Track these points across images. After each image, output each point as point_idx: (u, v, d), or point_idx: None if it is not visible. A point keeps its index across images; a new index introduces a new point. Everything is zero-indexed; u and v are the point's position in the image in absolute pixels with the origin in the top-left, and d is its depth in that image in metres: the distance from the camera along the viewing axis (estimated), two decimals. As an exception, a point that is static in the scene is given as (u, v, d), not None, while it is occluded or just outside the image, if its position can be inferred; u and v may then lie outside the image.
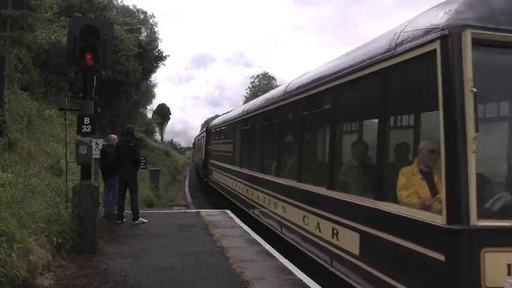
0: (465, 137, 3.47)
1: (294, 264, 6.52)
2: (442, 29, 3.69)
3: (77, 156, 7.08)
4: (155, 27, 44.09)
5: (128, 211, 10.10)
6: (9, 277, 4.58)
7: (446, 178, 3.56)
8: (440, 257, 3.54)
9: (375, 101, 4.93)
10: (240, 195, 11.84)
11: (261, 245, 7.90)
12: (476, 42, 3.58)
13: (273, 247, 7.62)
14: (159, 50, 32.40)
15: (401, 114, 5.27)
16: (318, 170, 6.73)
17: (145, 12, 44.35)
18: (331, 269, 5.58)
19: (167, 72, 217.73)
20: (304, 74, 7.67)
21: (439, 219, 3.58)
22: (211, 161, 18.71)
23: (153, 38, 37.38)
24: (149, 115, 55.19)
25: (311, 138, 7.27)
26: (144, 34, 37.14)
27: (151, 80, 39.63)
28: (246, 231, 9.14)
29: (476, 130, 3.46)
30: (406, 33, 4.26)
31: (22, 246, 5.09)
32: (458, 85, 3.53)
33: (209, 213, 11.71)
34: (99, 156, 10.15)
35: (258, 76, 60.76)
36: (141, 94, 34.74)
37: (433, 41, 3.76)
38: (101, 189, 9.53)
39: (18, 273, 4.70)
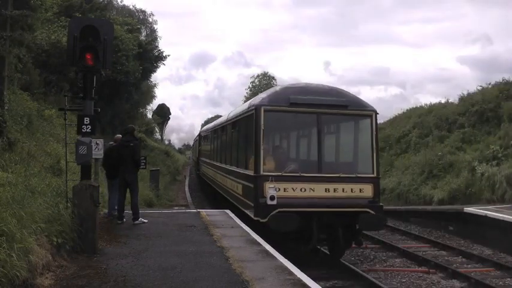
0: (260, 144, 9.09)
1: (294, 264, 6.52)
2: (255, 105, 9.40)
3: (77, 156, 7.08)
4: (155, 25, 44.07)
5: (128, 211, 10.10)
6: (9, 277, 4.58)
7: (254, 159, 9.22)
8: (252, 185, 9.30)
9: (238, 129, 11.64)
10: (209, 176, 19.16)
11: (260, 245, 7.90)
12: (266, 111, 9.22)
13: (272, 247, 7.63)
14: (159, 50, 32.36)
15: (249, 133, 9.93)
16: (233, 158, 12.35)
17: (144, 12, 44.33)
18: (236, 205, 11.07)
19: (166, 72, 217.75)
20: (232, 111, 14.25)
21: (252, 172, 9.27)
22: (200, 158, 25.35)
23: (153, 38, 37.34)
24: (149, 115, 55.17)
25: (231, 142, 12.96)
26: (144, 34, 37.10)
27: (151, 80, 39.61)
28: (246, 231, 9.14)
29: (263, 142, 9.16)
30: (250, 104, 10.14)
31: (22, 246, 5.09)
32: (258, 126, 9.15)
33: (209, 213, 11.71)
34: (101, 156, 10.17)
35: (258, 76, 60.68)
36: (141, 94, 34.67)
37: (253, 110, 9.49)
38: (101, 189, 9.55)
39: (18, 273, 4.70)
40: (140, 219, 9.70)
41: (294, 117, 9.95)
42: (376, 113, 9.84)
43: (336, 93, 9.98)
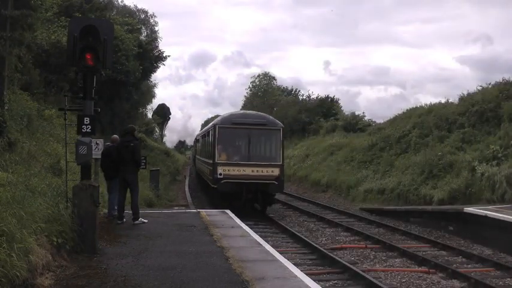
0: (215, 145, 16.06)
1: (295, 265, 6.53)
2: (214, 124, 17.01)
3: (77, 156, 7.08)
4: (155, 27, 43.97)
5: (128, 211, 10.10)
6: (9, 277, 4.58)
7: (212, 154, 16.29)
8: (211, 168, 16.32)
9: (208, 136, 18.87)
10: (198, 167, 27.08)
11: (261, 245, 7.91)
12: (220, 127, 16.20)
13: (273, 247, 7.63)
14: (159, 50, 32.38)
15: (211, 140, 16.75)
16: (206, 153, 19.77)
17: (146, 12, 44.21)
18: (207, 181, 18.77)
19: (166, 72, 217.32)
20: (207, 126, 23.67)
21: (212, 161, 16.40)
22: (195, 155, 33.92)
23: (153, 38, 37.31)
24: (149, 115, 55.17)
25: (206, 144, 20.29)
26: (144, 34, 37.06)
27: (151, 80, 39.60)
28: (246, 231, 9.16)
29: (217, 144, 16.07)
30: (212, 123, 18.14)
31: (22, 246, 5.09)
32: (215, 136, 16.40)
33: (209, 213, 11.72)
34: (100, 156, 10.17)
35: (258, 76, 60.51)
36: (141, 94, 34.69)
37: (213, 126, 16.94)
38: (101, 189, 9.54)
39: (18, 273, 4.70)
40: (140, 219, 9.70)
41: (235, 131, 16.60)
42: (283, 128, 17.05)
43: (259, 116, 17.42)
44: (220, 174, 15.47)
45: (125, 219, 9.77)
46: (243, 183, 15.34)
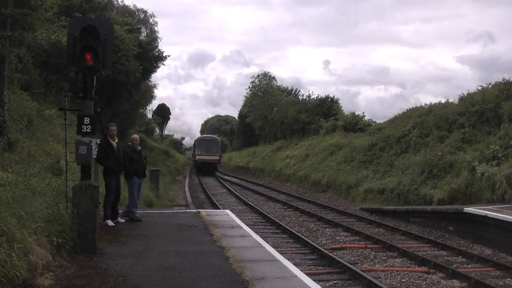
0: (195, 148, 49.05)
1: (295, 265, 6.52)
2: (195, 140, 53.88)
3: (77, 156, 7.09)
4: (155, 27, 43.92)
5: (125, 211, 10.09)
6: (9, 277, 4.58)
7: (194, 150, 53.39)
8: (194, 156, 51.73)
9: (193, 144, 53.75)
10: (193, 159, 53.41)
11: (261, 245, 7.91)
12: (197, 141, 50.83)
13: (273, 247, 7.63)
14: (159, 50, 32.33)
15: (194, 146, 51.64)
16: (193, 151, 55.95)
17: (145, 12, 44.15)
18: (194, 163, 52.22)
19: (165, 71, 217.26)
20: (194, 139, 57.66)
21: (194, 153, 52.48)
22: (193, 153, 53.19)
23: (153, 38, 37.25)
24: (149, 115, 55.15)
25: (193, 148, 52.42)
26: (144, 34, 37.00)
27: (151, 80, 39.55)
28: (246, 231, 9.15)
29: (195, 147, 48.91)
30: (195, 139, 54.11)
31: (22, 246, 5.09)
32: (195, 144, 51.59)
33: (209, 213, 11.71)
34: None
35: (258, 76, 60.44)
36: (141, 94, 34.67)
37: (194, 141, 53.21)
38: (101, 189, 9.49)
39: (18, 273, 4.70)
40: (106, 221, 9.21)
41: (202, 142, 47.29)
42: (221, 141, 55.04)
43: (211, 136, 51.88)
44: (196, 158, 46.11)
45: (120, 219, 9.67)
46: (204, 162, 44.46)
